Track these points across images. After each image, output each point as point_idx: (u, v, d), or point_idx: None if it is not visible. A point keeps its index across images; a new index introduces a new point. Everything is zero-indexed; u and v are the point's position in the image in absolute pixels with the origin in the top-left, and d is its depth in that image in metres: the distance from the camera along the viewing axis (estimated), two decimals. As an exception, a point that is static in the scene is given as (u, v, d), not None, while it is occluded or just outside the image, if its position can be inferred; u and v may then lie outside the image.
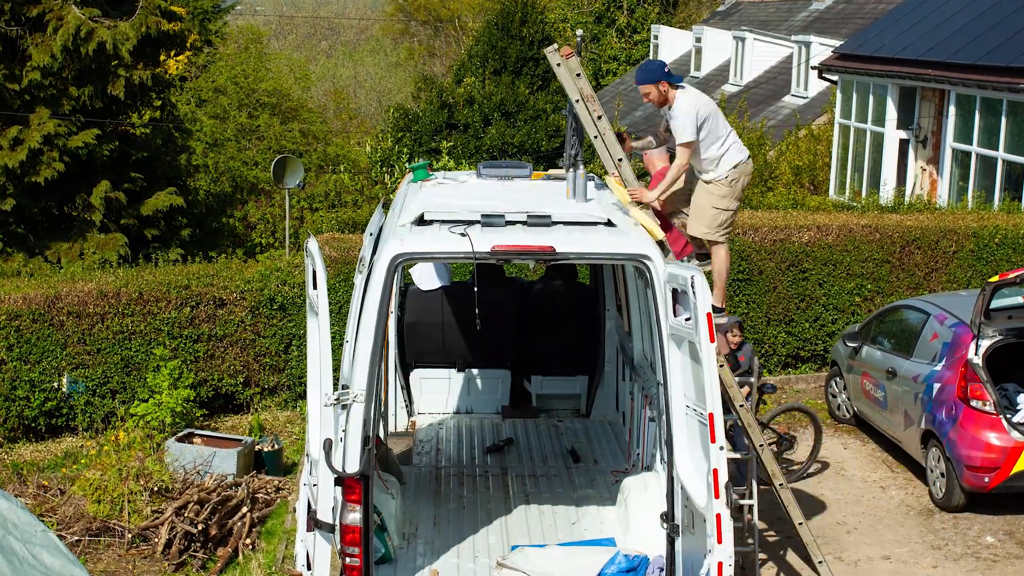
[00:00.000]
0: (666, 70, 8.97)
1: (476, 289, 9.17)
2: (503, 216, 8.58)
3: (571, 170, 9.21)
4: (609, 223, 8.67)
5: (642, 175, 9.84)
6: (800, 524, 9.73)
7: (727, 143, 9.04)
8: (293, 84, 38.24)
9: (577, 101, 8.90)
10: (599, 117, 9.00)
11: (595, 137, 9.03)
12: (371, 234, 9.04)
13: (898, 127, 22.82)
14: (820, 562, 9.81)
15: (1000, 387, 11.82)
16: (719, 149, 9.01)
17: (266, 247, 26.17)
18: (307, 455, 8.18)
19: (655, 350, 8.58)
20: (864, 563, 10.68)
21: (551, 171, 10.45)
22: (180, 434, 12.91)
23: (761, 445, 9.42)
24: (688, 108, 8.84)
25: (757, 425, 9.61)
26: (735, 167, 9.07)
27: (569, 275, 12.68)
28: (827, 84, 27.28)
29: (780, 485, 9.63)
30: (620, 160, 9.16)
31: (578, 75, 8.87)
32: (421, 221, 8.60)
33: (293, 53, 50.23)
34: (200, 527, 11.05)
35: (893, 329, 13.39)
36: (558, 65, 8.90)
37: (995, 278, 11.37)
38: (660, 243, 8.58)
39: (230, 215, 28.30)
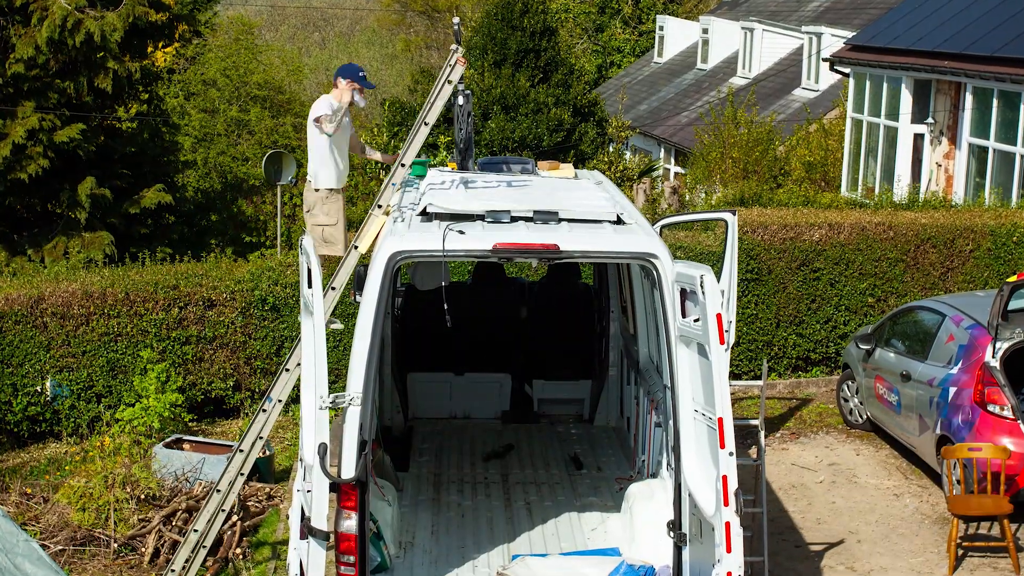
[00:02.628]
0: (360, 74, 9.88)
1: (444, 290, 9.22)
2: (508, 212, 8.58)
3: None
4: (618, 220, 8.68)
5: None
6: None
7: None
8: (286, 76, 38.22)
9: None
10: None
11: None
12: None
13: (912, 121, 22.82)
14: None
15: (1019, 391, 11.81)
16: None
17: (257, 245, 26.16)
18: (300, 460, 8.17)
19: (662, 353, 8.57)
20: (877, 573, 10.68)
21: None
22: (168, 440, 12.91)
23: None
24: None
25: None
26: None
27: (572, 275, 12.67)
28: (839, 77, 27.28)
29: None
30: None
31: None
32: (422, 218, 8.60)
33: (285, 45, 50.24)
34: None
35: (907, 331, 13.39)
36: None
37: (1013, 278, 11.37)
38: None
39: (226, 211, 28.28)
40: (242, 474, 10.11)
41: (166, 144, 25.39)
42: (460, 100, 10.17)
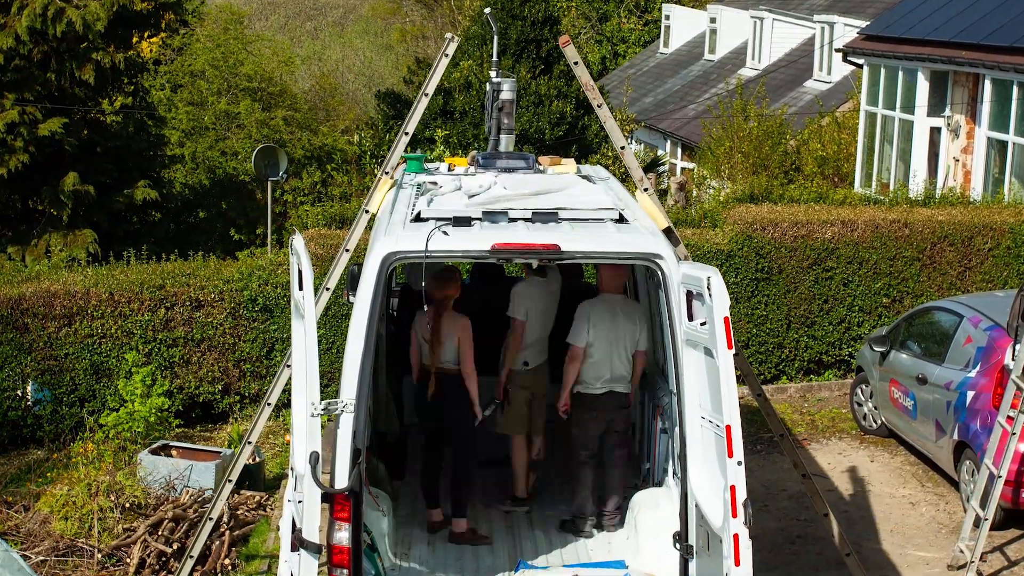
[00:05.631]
0: None
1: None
2: (505, 212, 8.56)
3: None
4: (620, 219, 8.66)
5: None
6: (825, 515, 9.75)
7: None
8: (277, 68, 38.19)
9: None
10: (599, 105, 9.34)
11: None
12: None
13: (929, 114, 22.79)
14: (847, 555, 9.81)
15: (1039, 395, 11.79)
16: None
17: (247, 244, 26.17)
18: (291, 469, 8.16)
19: (668, 357, 8.56)
20: (893, 586, 10.68)
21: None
22: (154, 446, 12.90)
23: (782, 435, 9.47)
24: None
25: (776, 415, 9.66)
26: None
27: (574, 275, 12.63)
28: (852, 68, 27.24)
29: (803, 476, 9.67)
30: (623, 148, 9.53)
31: (576, 63, 9.07)
32: (417, 217, 8.58)
33: (276, 35, 50.22)
34: (175, 546, 11.03)
35: (923, 332, 13.38)
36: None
37: (1034, 278, 11.36)
38: (667, 231, 8.71)
39: (214, 208, 28.32)
40: (230, 480, 10.10)
41: (152, 138, 25.42)
42: (503, 89, 10.20)
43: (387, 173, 9.62)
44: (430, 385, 9.65)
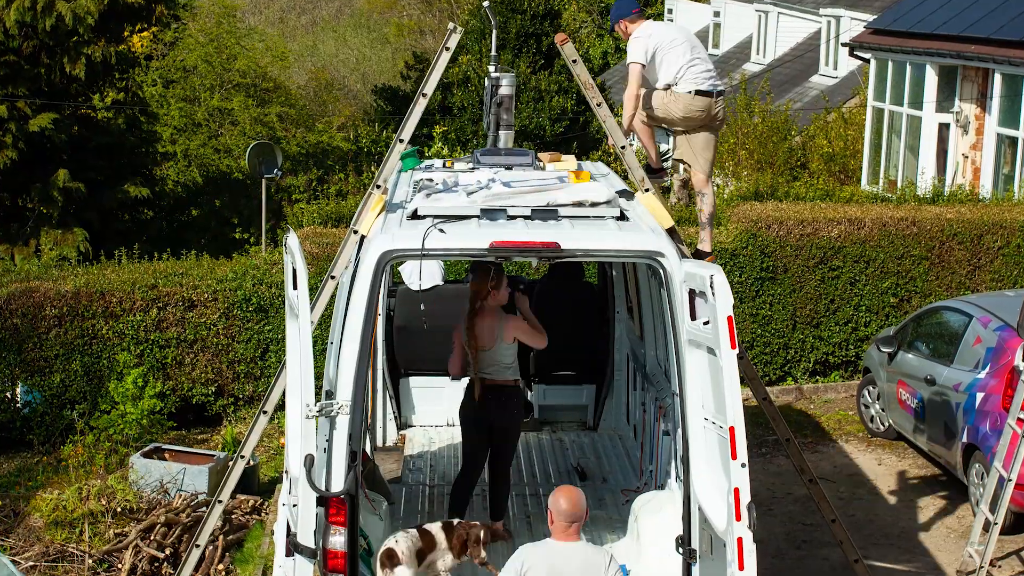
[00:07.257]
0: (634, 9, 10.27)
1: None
2: (504, 210, 8.56)
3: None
4: (621, 216, 8.67)
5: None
6: (833, 521, 9.75)
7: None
8: (271, 63, 38.21)
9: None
10: (598, 104, 9.28)
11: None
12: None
13: (937, 110, 22.80)
14: (856, 560, 9.82)
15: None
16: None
17: (240, 242, 26.18)
18: (286, 472, 8.17)
19: (670, 357, 8.56)
20: (900, 591, 10.69)
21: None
22: (146, 449, 12.91)
23: (788, 439, 9.47)
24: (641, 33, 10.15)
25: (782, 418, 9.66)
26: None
27: (575, 274, 12.65)
28: (859, 63, 27.25)
29: (810, 481, 9.68)
30: (623, 148, 9.46)
31: (574, 61, 9.09)
32: (413, 215, 8.58)
33: (269, 29, 50.22)
34: (168, 551, 11.04)
35: (932, 333, 13.39)
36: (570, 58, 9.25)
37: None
38: (671, 231, 8.69)
39: (208, 206, 28.33)
40: (220, 501, 10.06)
41: (144, 134, 25.43)
42: (502, 85, 10.11)
43: (379, 187, 9.12)
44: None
